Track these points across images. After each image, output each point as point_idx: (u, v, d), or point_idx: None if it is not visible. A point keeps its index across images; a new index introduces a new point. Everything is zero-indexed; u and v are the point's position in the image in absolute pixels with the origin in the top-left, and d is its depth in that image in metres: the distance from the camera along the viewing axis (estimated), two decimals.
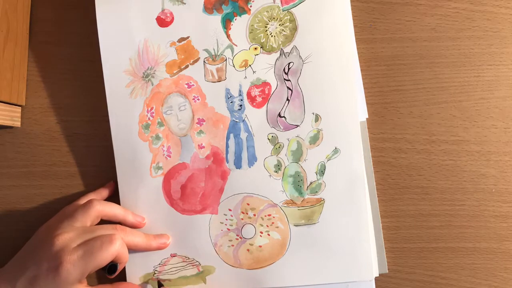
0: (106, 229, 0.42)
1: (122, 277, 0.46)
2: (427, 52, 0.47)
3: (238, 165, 0.46)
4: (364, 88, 0.48)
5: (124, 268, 0.46)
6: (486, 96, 0.47)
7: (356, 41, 0.48)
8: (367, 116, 0.47)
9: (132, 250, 0.44)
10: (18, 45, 0.48)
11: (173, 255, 0.46)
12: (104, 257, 0.40)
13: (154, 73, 0.47)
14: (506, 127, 0.47)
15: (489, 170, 0.47)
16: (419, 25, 0.48)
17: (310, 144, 0.46)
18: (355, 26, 0.48)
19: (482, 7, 0.47)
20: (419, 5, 0.48)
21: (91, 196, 0.46)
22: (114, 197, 0.47)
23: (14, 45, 0.47)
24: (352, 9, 0.48)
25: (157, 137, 0.47)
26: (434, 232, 0.47)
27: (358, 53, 0.48)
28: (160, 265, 0.46)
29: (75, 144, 0.49)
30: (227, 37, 0.47)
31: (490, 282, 0.46)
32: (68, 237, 0.40)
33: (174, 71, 0.47)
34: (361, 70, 0.48)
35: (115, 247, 0.40)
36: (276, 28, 0.47)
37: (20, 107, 0.49)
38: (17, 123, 0.48)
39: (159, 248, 0.46)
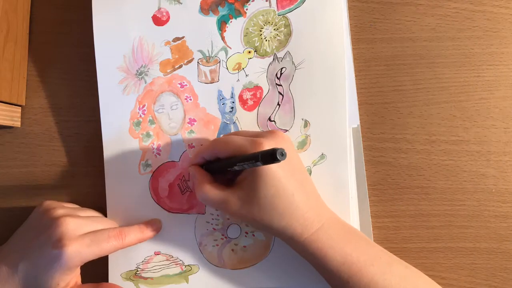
0: (106, 223, 0.44)
1: (105, 272, 0.46)
2: (427, 52, 0.47)
3: None
4: (364, 88, 0.48)
5: (107, 265, 0.46)
6: (486, 96, 0.47)
7: (356, 41, 0.48)
8: (359, 123, 0.47)
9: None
10: (18, 45, 0.48)
11: (156, 253, 0.46)
12: (107, 250, 0.41)
13: (148, 71, 0.47)
14: (506, 127, 0.47)
15: (489, 170, 0.47)
16: (419, 25, 0.48)
17: (298, 149, 0.46)
18: (355, 26, 0.48)
19: (482, 7, 0.47)
20: (419, 5, 0.48)
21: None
22: (102, 196, 0.47)
23: (14, 45, 0.47)
24: (352, 9, 0.48)
25: (148, 135, 0.47)
26: (434, 232, 0.47)
27: (358, 53, 0.48)
28: (143, 262, 0.46)
29: (75, 144, 0.49)
30: (222, 39, 0.47)
31: (490, 282, 0.46)
32: (75, 221, 0.41)
33: (168, 70, 0.47)
34: (361, 70, 0.48)
35: (121, 243, 0.42)
36: (271, 32, 0.47)
37: (20, 107, 0.49)
38: (17, 123, 0.48)
39: (154, 235, 0.46)
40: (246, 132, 0.44)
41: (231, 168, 0.39)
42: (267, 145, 0.38)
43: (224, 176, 0.43)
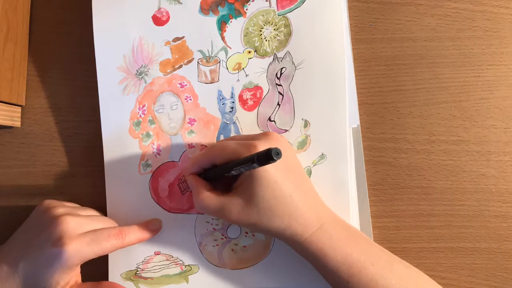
0: (107, 222, 0.44)
1: (105, 272, 0.46)
2: (427, 52, 0.47)
3: None
4: (364, 88, 0.48)
5: (107, 264, 0.46)
6: (486, 96, 0.47)
7: (356, 41, 0.48)
8: (359, 123, 0.47)
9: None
10: (18, 45, 0.48)
11: (156, 253, 0.46)
12: (107, 249, 0.41)
13: (148, 71, 0.47)
14: (506, 127, 0.47)
15: (489, 170, 0.47)
16: (419, 25, 0.48)
17: (298, 149, 0.46)
18: (355, 26, 0.48)
19: (482, 7, 0.47)
20: (419, 5, 0.48)
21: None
22: (102, 196, 0.47)
23: (14, 45, 0.47)
24: (352, 9, 0.48)
25: (148, 135, 0.47)
26: (434, 232, 0.47)
27: (358, 53, 0.48)
28: (143, 262, 0.46)
29: (75, 144, 0.49)
30: (222, 39, 0.47)
31: (490, 282, 0.46)
32: (75, 220, 0.41)
33: (168, 70, 0.47)
34: (361, 70, 0.48)
35: (121, 242, 0.42)
36: (271, 32, 0.47)
37: (20, 107, 0.49)
38: (17, 123, 0.48)
39: (154, 235, 0.46)
40: (240, 136, 0.44)
41: (228, 173, 0.39)
42: (261, 147, 0.38)
43: (222, 183, 0.43)
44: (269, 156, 0.32)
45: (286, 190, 0.39)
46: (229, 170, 0.38)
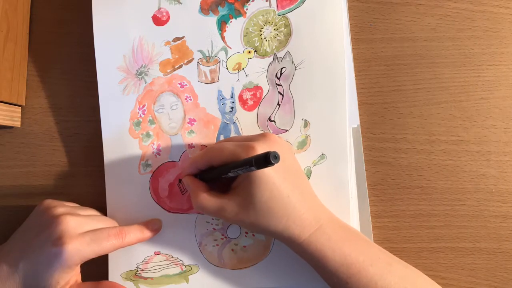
0: (107, 222, 0.44)
1: (105, 272, 0.46)
2: (427, 52, 0.47)
3: None
4: (364, 88, 0.48)
5: (107, 264, 0.46)
6: (486, 96, 0.47)
7: (356, 41, 0.48)
8: (359, 123, 0.47)
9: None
10: (18, 45, 0.48)
11: (156, 253, 0.46)
12: (107, 249, 0.41)
13: (148, 71, 0.47)
14: (506, 127, 0.47)
15: (489, 170, 0.47)
16: (419, 25, 0.48)
17: (298, 149, 0.46)
18: (355, 26, 0.48)
19: (482, 7, 0.47)
20: (419, 5, 0.48)
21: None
22: (102, 196, 0.47)
23: (14, 45, 0.47)
24: (352, 9, 0.48)
25: (148, 135, 0.47)
26: (434, 232, 0.47)
27: (358, 53, 0.48)
28: (143, 262, 0.46)
29: (75, 144, 0.49)
30: (222, 39, 0.47)
31: (490, 282, 0.46)
32: (75, 219, 0.41)
33: (168, 70, 0.47)
34: (361, 70, 0.48)
35: (121, 242, 0.42)
36: (271, 32, 0.47)
37: (20, 107, 0.49)
38: (17, 123, 0.48)
39: (154, 235, 0.46)
40: (237, 137, 0.44)
41: (225, 175, 0.39)
42: (259, 148, 0.38)
43: (219, 183, 0.43)
44: (267, 160, 0.32)
45: (284, 191, 0.39)
46: (227, 172, 0.38)
